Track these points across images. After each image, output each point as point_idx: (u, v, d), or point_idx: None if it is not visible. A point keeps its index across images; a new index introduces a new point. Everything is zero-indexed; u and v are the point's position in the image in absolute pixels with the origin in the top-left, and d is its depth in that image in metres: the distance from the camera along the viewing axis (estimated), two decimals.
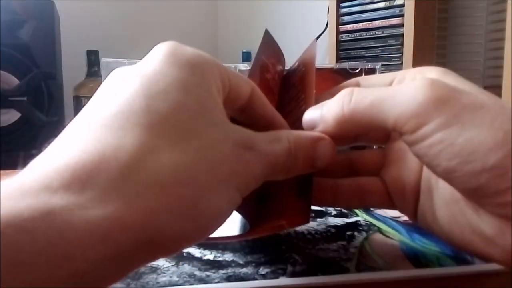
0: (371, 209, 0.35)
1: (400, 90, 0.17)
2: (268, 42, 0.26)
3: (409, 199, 0.22)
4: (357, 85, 0.23)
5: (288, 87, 0.27)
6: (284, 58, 0.28)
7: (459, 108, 0.16)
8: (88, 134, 0.14)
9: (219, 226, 0.16)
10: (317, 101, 0.21)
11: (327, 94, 0.22)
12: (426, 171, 0.21)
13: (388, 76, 0.22)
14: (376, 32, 1.23)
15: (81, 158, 0.13)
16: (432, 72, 0.21)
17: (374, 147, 0.27)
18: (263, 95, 0.21)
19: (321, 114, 0.20)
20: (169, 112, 0.15)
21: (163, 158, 0.14)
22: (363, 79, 0.24)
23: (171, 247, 0.14)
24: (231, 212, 0.16)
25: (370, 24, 1.25)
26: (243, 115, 0.21)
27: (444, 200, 0.19)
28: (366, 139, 0.24)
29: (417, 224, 0.22)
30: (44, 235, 0.11)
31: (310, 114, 0.20)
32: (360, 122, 0.18)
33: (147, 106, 0.14)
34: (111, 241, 0.12)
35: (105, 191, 0.12)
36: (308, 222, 0.20)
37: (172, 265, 0.24)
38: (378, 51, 1.23)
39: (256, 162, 0.17)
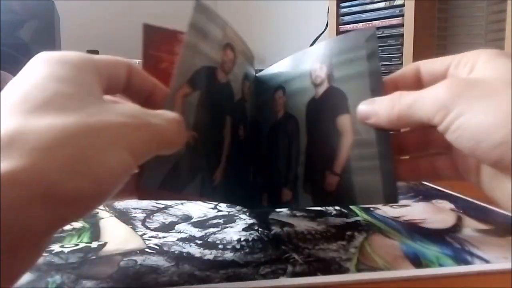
0: (372, 208, 0.35)
1: (429, 92, 0.22)
2: (151, 34, 0.27)
3: (474, 173, 0.25)
4: (417, 69, 0.27)
5: None
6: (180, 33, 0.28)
7: (471, 99, 0.20)
8: None
9: (116, 185, 0.18)
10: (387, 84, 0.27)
11: (391, 80, 0.28)
12: None
13: (446, 60, 0.25)
14: (376, 32, 1.23)
15: None
16: (485, 54, 0.23)
17: None
18: (142, 71, 0.24)
19: (375, 110, 0.25)
20: (44, 98, 0.18)
21: (43, 128, 0.16)
22: (424, 63, 0.27)
23: (73, 203, 0.16)
24: (126, 173, 0.18)
25: (370, 24, 1.25)
26: (131, 94, 0.24)
27: (498, 176, 0.23)
28: (433, 148, 0.28)
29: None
30: None
31: (365, 107, 0.26)
32: (404, 119, 0.24)
33: (25, 96, 0.18)
34: (5, 198, 0.14)
35: None
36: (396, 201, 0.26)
37: (172, 265, 0.24)
38: (378, 51, 1.23)
39: (142, 130, 0.19)
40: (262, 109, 0.33)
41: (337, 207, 0.35)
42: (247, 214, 0.34)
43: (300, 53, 0.32)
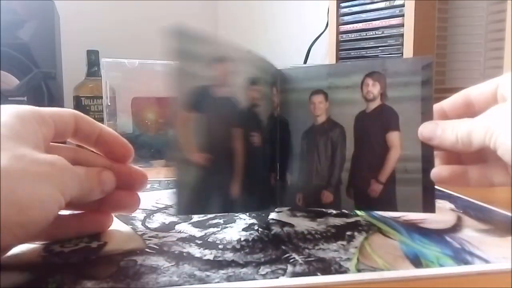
0: (373, 211, 0.35)
1: (474, 129, 0.27)
2: None
3: None
4: (466, 97, 0.31)
5: None
6: None
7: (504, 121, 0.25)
8: None
9: (46, 216, 0.21)
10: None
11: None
12: None
13: (495, 80, 0.29)
14: (376, 32, 1.23)
15: None
16: None
17: None
18: (87, 117, 0.28)
19: (438, 134, 0.29)
20: None
21: None
22: (472, 88, 0.31)
23: (19, 220, 0.19)
24: (54, 207, 0.22)
25: (370, 24, 1.25)
26: (81, 138, 0.28)
27: None
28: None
29: None
30: None
31: (428, 129, 0.30)
32: (458, 147, 0.28)
33: None
34: None
35: None
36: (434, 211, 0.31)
37: (172, 265, 0.24)
38: (378, 51, 1.22)
39: (69, 173, 0.23)
40: (292, 108, 0.34)
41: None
42: (247, 214, 0.34)
43: (348, 64, 0.35)
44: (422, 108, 0.30)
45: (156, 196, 0.42)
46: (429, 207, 0.31)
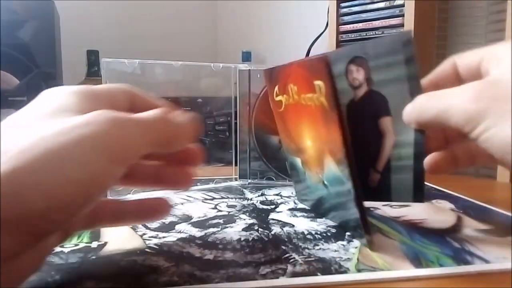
0: (372, 208, 0.35)
1: (454, 103, 0.23)
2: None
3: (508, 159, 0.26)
4: (453, 65, 0.28)
5: None
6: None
7: (499, 114, 0.21)
8: None
9: (84, 194, 0.17)
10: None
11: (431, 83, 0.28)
12: None
13: (480, 52, 0.26)
14: (376, 32, 1.23)
15: None
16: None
17: None
18: (145, 95, 0.24)
19: (414, 117, 0.26)
20: (18, 122, 0.18)
21: (20, 137, 0.17)
22: (459, 56, 0.27)
23: (30, 220, 0.16)
24: (100, 179, 0.17)
25: (370, 24, 1.25)
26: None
27: None
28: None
29: None
30: None
31: (405, 111, 0.26)
32: (433, 125, 0.25)
33: (4, 124, 0.18)
34: None
35: None
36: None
37: (172, 265, 0.24)
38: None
39: (121, 127, 0.18)
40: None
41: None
42: (247, 214, 0.34)
43: (330, 54, 0.31)
44: (410, 88, 0.28)
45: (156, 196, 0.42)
46: (418, 196, 0.29)
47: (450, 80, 0.28)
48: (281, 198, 0.39)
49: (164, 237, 0.29)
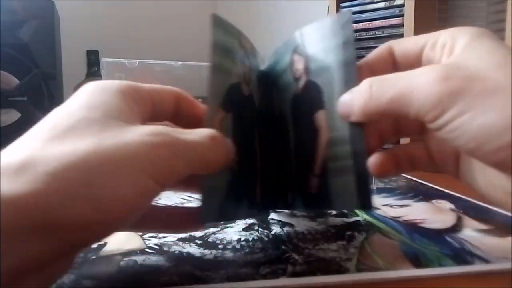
0: (370, 210, 0.35)
1: (417, 84, 0.19)
2: None
3: (451, 163, 0.24)
4: (390, 50, 0.24)
5: None
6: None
7: (471, 97, 0.18)
8: (20, 143, 0.17)
9: (129, 211, 0.17)
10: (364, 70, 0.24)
11: (366, 64, 0.25)
12: None
13: (420, 39, 0.23)
14: (376, 32, 1.23)
15: (6, 159, 0.16)
16: (466, 35, 0.20)
17: None
18: (192, 99, 0.24)
19: (351, 105, 0.22)
20: (69, 125, 0.17)
21: (54, 154, 0.16)
22: (397, 42, 0.24)
23: (74, 230, 0.15)
24: (144, 197, 0.17)
25: (370, 24, 1.25)
26: (181, 121, 0.24)
27: (480, 166, 0.22)
28: (405, 133, 0.26)
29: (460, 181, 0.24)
30: None
31: (344, 101, 0.23)
32: (384, 113, 0.21)
33: (53, 124, 0.18)
34: (6, 221, 0.14)
35: (6, 183, 0.15)
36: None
37: (172, 265, 0.24)
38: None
39: (166, 148, 0.18)
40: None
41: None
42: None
43: (281, 46, 0.28)
44: (345, 75, 0.23)
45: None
46: (364, 201, 0.23)
47: (387, 66, 0.24)
48: None
49: (164, 237, 0.29)
